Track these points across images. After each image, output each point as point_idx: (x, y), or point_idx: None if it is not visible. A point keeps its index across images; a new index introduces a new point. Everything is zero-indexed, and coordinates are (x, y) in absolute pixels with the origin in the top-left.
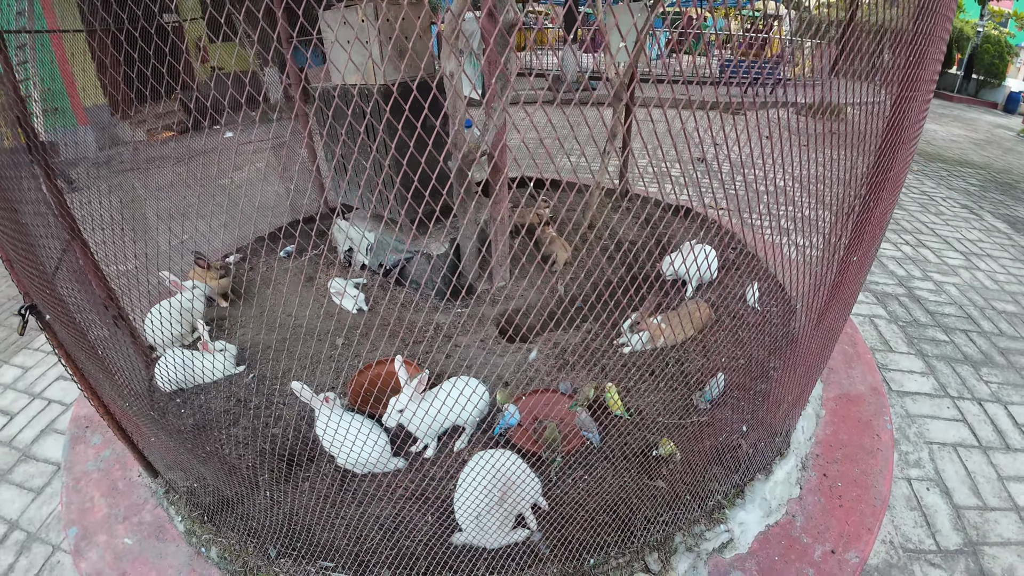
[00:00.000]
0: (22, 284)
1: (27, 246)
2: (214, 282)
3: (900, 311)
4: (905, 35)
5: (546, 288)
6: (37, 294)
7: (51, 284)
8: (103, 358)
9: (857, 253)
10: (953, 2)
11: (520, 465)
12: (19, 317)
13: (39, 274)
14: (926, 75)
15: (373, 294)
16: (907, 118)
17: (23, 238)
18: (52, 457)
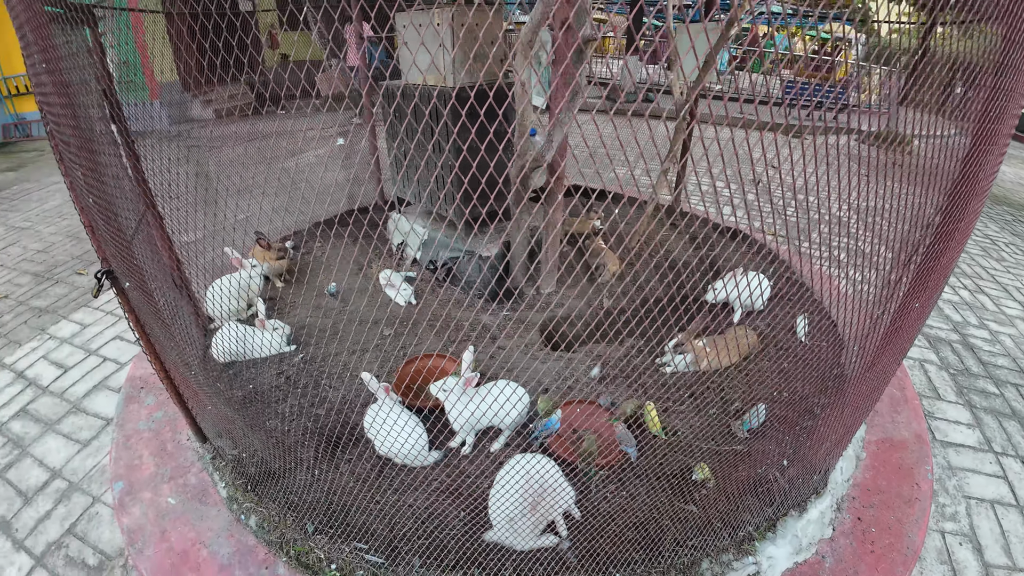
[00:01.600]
0: (102, 250)
1: (110, 214)
2: (272, 262)
3: (952, 358)
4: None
5: (592, 299)
6: (115, 260)
7: (129, 251)
8: (168, 324)
9: (919, 300)
10: None
11: (556, 472)
12: (95, 280)
13: (118, 241)
14: (1005, 129)
15: (421, 289)
16: (982, 170)
17: (107, 206)
18: (102, 412)
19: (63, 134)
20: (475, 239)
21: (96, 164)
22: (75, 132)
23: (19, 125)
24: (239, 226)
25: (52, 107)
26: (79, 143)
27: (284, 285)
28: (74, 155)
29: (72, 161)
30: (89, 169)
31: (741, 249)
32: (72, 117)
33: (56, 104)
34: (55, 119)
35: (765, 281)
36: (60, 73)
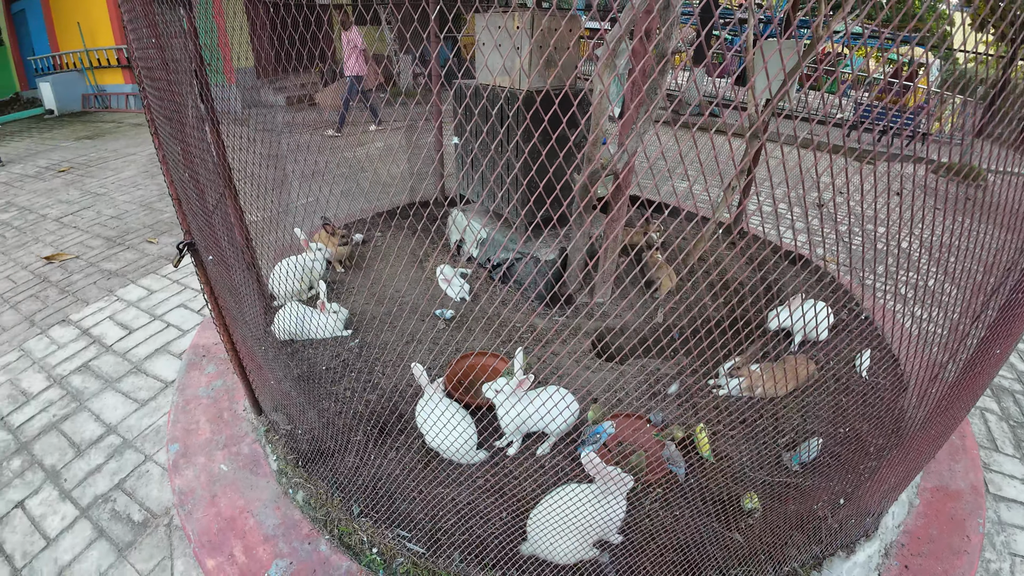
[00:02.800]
0: (186, 222)
1: (198, 189)
2: (335, 248)
3: (1014, 409)
4: None
5: (645, 312)
6: (197, 234)
7: (211, 225)
8: (240, 299)
9: (1001, 346)
10: None
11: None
12: (176, 251)
13: (203, 215)
14: None
15: (477, 287)
16: None
17: (195, 181)
18: (161, 375)
19: (164, 108)
20: (533, 242)
21: (188, 144)
22: (175, 108)
23: (99, 96)
24: (305, 209)
25: (156, 82)
26: (177, 119)
27: (344, 271)
28: (171, 130)
29: (169, 136)
30: (183, 145)
31: (802, 275)
32: (172, 94)
33: (161, 79)
34: (157, 94)
35: (827, 310)
36: (165, 50)
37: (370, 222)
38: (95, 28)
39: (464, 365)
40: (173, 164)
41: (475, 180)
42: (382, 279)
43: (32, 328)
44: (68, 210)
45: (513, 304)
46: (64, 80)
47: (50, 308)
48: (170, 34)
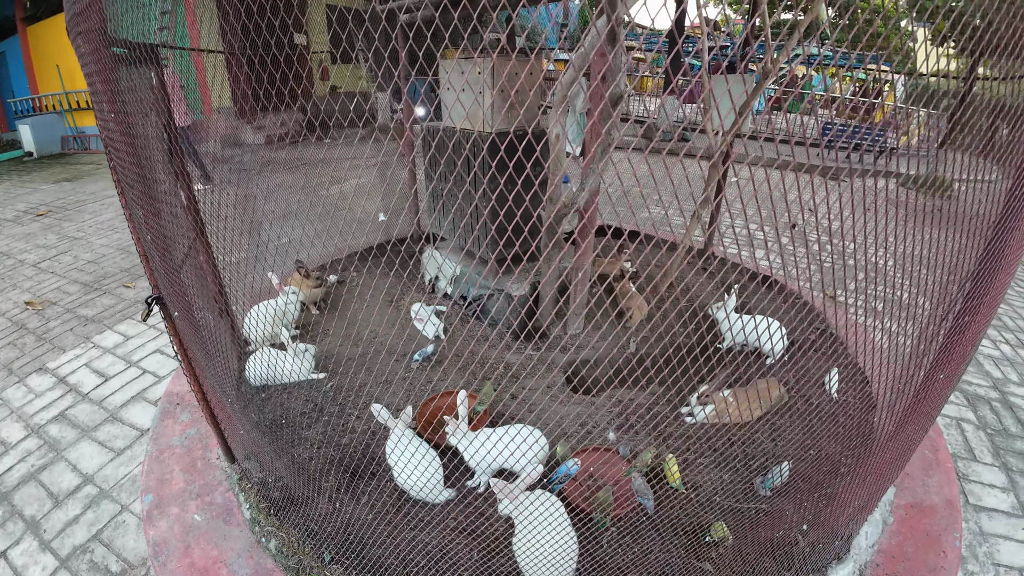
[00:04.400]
0: (154, 277)
1: (165, 246)
2: (309, 290)
3: (990, 417)
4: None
5: (618, 343)
6: (165, 288)
7: (178, 279)
8: (208, 347)
9: (944, 371)
10: None
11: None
12: (145, 304)
13: (170, 271)
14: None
15: (451, 324)
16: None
17: (162, 239)
18: (137, 423)
19: (127, 176)
20: (505, 277)
21: (155, 202)
22: (138, 175)
23: (78, 138)
24: (281, 250)
25: (118, 151)
26: (141, 185)
27: (318, 313)
28: (136, 195)
29: (134, 200)
30: (149, 207)
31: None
32: (136, 164)
33: (122, 150)
34: (120, 163)
35: (777, 326)
36: (126, 119)
37: (345, 261)
38: (74, 70)
39: (434, 405)
40: (139, 226)
41: (447, 218)
42: (357, 320)
43: (10, 376)
44: (46, 255)
45: (487, 340)
46: (43, 122)
47: (27, 356)
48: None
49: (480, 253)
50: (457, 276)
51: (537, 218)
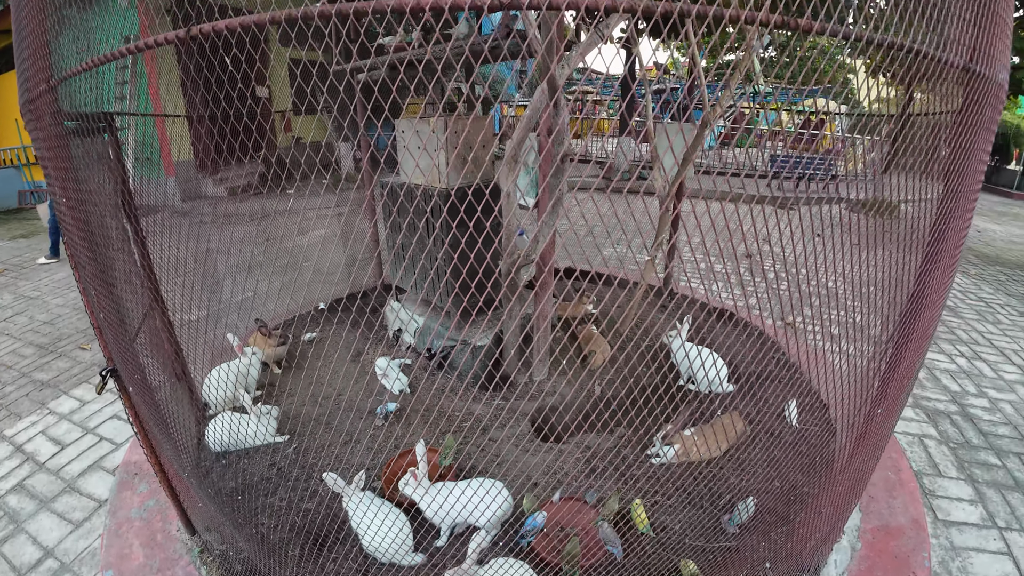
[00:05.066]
0: (107, 349)
1: (119, 320)
2: (271, 349)
3: (952, 431)
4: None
5: (583, 387)
6: (119, 359)
7: (132, 350)
8: (165, 417)
9: (882, 406)
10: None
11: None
12: (100, 377)
13: (123, 342)
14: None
15: (417, 376)
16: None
17: (117, 314)
18: (95, 493)
19: (80, 256)
20: (469, 328)
21: (109, 276)
22: (90, 257)
23: (35, 193)
24: (243, 305)
25: (71, 233)
26: (94, 266)
27: (280, 372)
28: (90, 275)
29: (88, 280)
30: (103, 286)
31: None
32: (89, 248)
33: (74, 233)
34: (73, 244)
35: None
36: (79, 200)
37: (308, 317)
38: None
39: (402, 464)
40: (93, 303)
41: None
42: (320, 377)
43: None
44: (1, 316)
45: (452, 391)
46: (0, 177)
47: None
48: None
49: (443, 305)
50: (421, 328)
51: (497, 269)
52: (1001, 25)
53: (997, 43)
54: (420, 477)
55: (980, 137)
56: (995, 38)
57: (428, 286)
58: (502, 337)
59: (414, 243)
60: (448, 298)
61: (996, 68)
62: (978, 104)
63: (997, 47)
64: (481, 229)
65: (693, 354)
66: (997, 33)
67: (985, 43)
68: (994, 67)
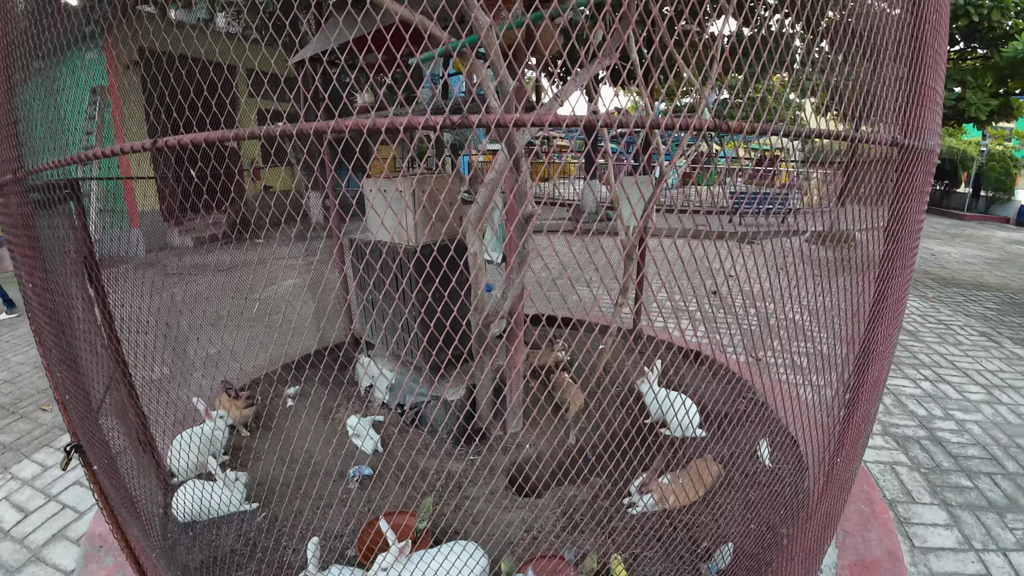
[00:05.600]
0: (71, 425)
1: (82, 390)
2: (239, 411)
3: (922, 456)
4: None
5: (557, 437)
6: (84, 437)
7: (97, 426)
8: (131, 496)
9: (840, 455)
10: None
11: None
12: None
13: (87, 414)
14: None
15: (389, 434)
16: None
17: (79, 383)
18: (61, 564)
19: (47, 340)
20: (441, 383)
21: (75, 357)
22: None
23: None
24: (209, 361)
25: (37, 316)
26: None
27: (249, 435)
28: (56, 358)
29: (54, 362)
30: (68, 366)
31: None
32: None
33: (41, 317)
34: (40, 328)
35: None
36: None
37: (276, 375)
38: None
39: (373, 530)
40: (57, 378)
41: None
42: (290, 439)
43: None
44: None
45: (427, 450)
46: None
47: None
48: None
49: (414, 362)
50: (392, 385)
51: (466, 323)
52: (930, 96)
53: (926, 114)
54: (393, 552)
55: (914, 202)
56: (924, 110)
57: (398, 341)
58: (474, 391)
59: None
60: (418, 353)
61: (925, 137)
62: (910, 173)
63: (926, 118)
64: (449, 284)
65: (664, 399)
66: (926, 104)
67: (915, 117)
68: (923, 137)
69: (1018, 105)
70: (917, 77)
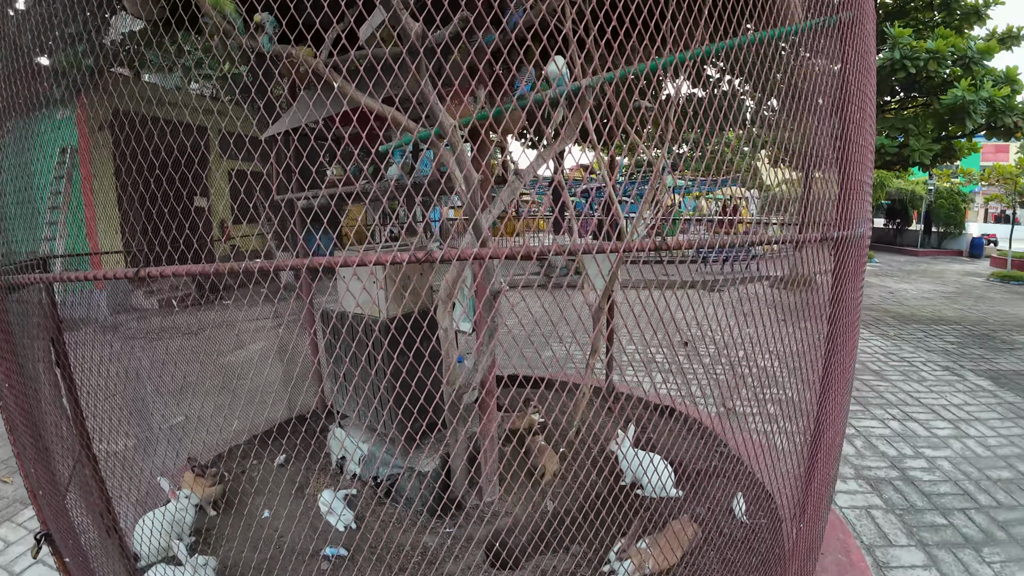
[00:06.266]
0: (41, 514)
1: (50, 475)
2: (205, 490)
3: (896, 497)
4: None
5: (532, 502)
6: (53, 525)
7: (65, 513)
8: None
9: (803, 522)
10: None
11: None
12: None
13: (57, 504)
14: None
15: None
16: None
17: (48, 469)
18: None
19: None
20: (415, 453)
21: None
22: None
23: None
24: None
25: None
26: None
27: (216, 513)
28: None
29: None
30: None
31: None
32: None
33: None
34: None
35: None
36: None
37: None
38: None
39: None
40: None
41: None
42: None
43: None
44: None
45: (401, 523)
46: None
47: None
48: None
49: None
50: (366, 456)
51: (439, 394)
52: (858, 189)
53: (855, 206)
54: None
55: (848, 285)
56: (853, 203)
57: (372, 413)
58: (448, 461)
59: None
60: (392, 424)
61: (856, 225)
62: (844, 260)
63: (855, 209)
64: (421, 355)
65: (638, 462)
66: (855, 198)
67: (846, 210)
68: (854, 226)
69: (960, 147)
70: (846, 174)
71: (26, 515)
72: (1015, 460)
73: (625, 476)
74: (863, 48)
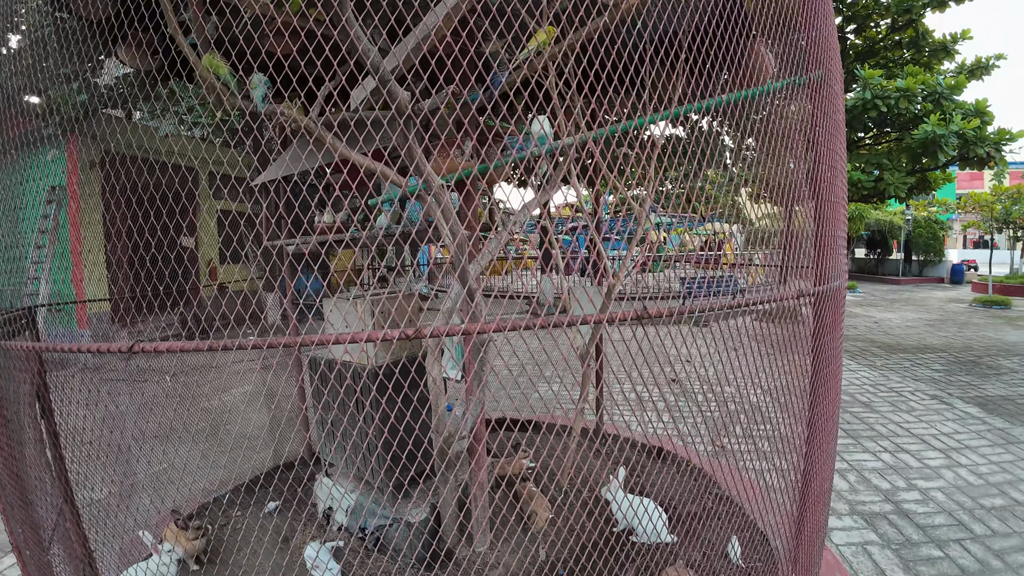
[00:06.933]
0: (26, 569)
1: (33, 528)
2: (188, 543)
3: (891, 532)
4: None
5: (523, 550)
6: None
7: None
8: None
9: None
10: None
11: None
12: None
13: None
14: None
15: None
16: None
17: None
18: None
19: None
20: (402, 503)
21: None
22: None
23: None
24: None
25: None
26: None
27: (199, 568)
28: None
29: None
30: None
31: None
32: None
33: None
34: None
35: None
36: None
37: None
38: None
39: None
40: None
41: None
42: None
43: None
44: None
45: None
46: None
47: None
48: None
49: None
50: (353, 507)
51: (428, 442)
52: (833, 244)
53: (831, 261)
54: None
55: (828, 339)
56: (829, 259)
57: (359, 461)
58: (438, 509)
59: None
60: (380, 473)
61: (832, 279)
62: (822, 313)
63: (831, 264)
64: (410, 403)
65: (629, 506)
66: (830, 254)
67: (824, 267)
68: (829, 280)
69: (934, 178)
70: (820, 231)
71: (5, 564)
72: (1007, 487)
73: (619, 522)
74: (831, 108)
